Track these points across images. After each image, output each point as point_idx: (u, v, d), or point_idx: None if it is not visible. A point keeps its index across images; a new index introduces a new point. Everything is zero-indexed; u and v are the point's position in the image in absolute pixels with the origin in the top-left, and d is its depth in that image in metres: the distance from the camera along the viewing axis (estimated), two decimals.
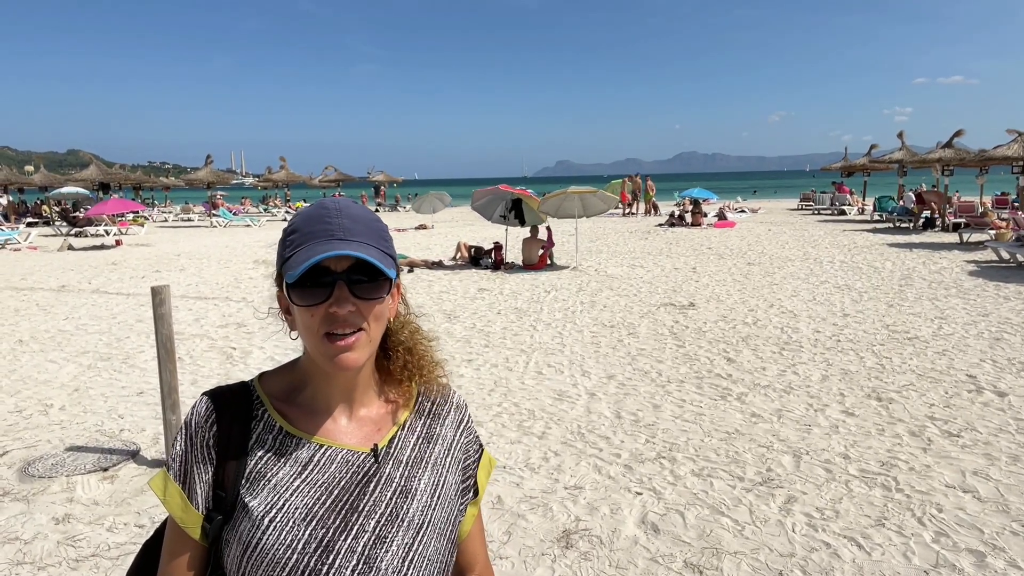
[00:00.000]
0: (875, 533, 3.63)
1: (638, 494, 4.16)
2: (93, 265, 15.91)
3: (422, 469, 1.11)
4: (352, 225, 1.02)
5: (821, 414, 5.41)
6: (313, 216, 1.04)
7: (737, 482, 4.28)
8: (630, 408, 5.67)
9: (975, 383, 6.04)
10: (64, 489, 4.34)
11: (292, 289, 1.01)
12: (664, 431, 5.15)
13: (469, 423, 1.24)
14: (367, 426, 1.12)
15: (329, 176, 40.60)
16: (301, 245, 1.01)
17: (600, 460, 4.67)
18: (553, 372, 6.76)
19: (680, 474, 4.42)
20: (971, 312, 8.94)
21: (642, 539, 3.64)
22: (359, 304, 1.01)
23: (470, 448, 1.22)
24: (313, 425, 1.09)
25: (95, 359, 7.45)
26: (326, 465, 1.06)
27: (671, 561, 3.42)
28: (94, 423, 5.50)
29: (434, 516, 1.09)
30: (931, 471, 4.35)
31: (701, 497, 4.09)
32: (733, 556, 3.44)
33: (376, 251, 1.02)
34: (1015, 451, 4.62)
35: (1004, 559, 3.36)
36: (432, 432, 1.17)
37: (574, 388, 6.23)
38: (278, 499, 1.02)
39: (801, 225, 24.22)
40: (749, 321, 8.77)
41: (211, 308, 10.33)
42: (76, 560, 3.56)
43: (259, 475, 1.05)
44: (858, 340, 7.64)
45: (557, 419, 5.45)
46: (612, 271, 13.64)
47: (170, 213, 38.06)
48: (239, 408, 1.09)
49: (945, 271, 12.56)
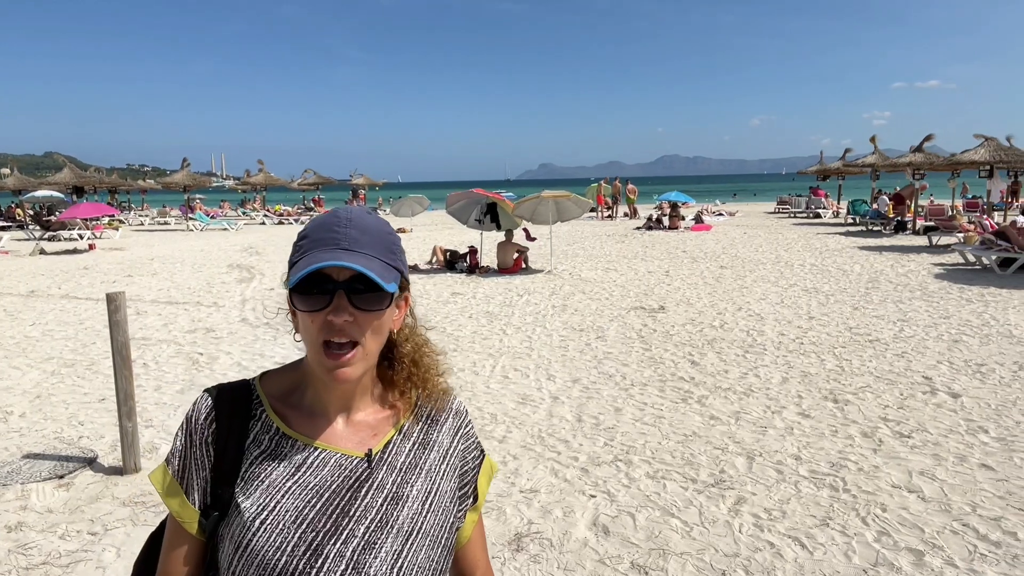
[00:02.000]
0: (819, 533, 3.70)
1: (592, 497, 4.21)
2: (64, 270, 15.74)
3: (415, 476, 1.11)
4: (360, 236, 1.04)
5: (778, 416, 5.50)
6: (324, 224, 1.05)
7: (690, 484, 4.35)
8: (592, 411, 5.72)
9: (930, 385, 6.16)
10: (18, 497, 4.31)
11: (294, 293, 1.03)
12: (623, 434, 5.21)
13: (468, 429, 1.24)
14: (363, 431, 1.12)
15: (308, 179, 40.38)
16: (308, 251, 1.03)
17: (558, 463, 4.71)
18: (519, 376, 6.80)
19: (635, 476, 4.48)
20: (933, 315, 9.11)
21: (592, 541, 3.69)
22: (357, 315, 1.01)
23: (468, 455, 1.22)
24: (310, 428, 1.10)
25: (59, 365, 7.40)
26: (319, 468, 1.07)
27: (618, 563, 3.48)
28: (53, 430, 5.46)
29: (425, 523, 1.08)
30: (879, 471, 4.45)
31: (653, 499, 4.15)
32: (679, 557, 3.50)
33: (380, 264, 1.03)
34: (963, 451, 4.73)
35: (942, 557, 3.45)
36: (429, 438, 1.17)
37: (538, 392, 6.28)
38: (270, 500, 1.03)
39: (776, 228, 24.47)
40: (716, 324, 8.87)
41: (181, 313, 10.27)
42: (26, 568, 3.54)
43: (253, 475, 1.06)
44: (821, 343, 7.76)
45: (519, 423, 5.50)
46: (586, 275, 13.72)
47: (147, 217, 37.69)
48: (239, 407, 1.10)
49: (912, 274, 12.77)
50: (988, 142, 18.56)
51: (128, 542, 3.76)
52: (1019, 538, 3.60)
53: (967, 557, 3.44)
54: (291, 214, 34.74)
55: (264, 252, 19.29)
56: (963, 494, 4.12)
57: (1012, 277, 12.07)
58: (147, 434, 5.28)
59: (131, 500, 4.25)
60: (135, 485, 4.45)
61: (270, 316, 9.59)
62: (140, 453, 4.72)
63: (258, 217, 35.33)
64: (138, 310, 10.43)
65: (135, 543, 3.75)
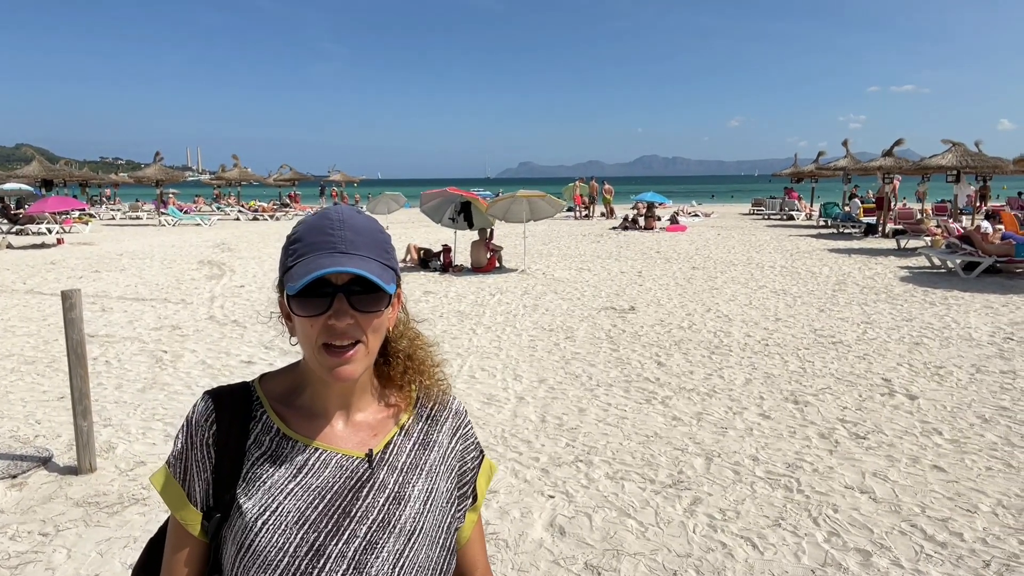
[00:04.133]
0: (771, 533, 3.76)
1: (551, 497, 4.23)
2: (31, 264, 15.46)
3: (416, 475, 1.12)
4: (355, 238, 1.03)
5: (739, 417, 5.56)
6: (316, 226, 1.04)
7: (648, 484, 4.39)
8: (556, 412, 5.75)
9: (889, 387, 6.27)
10: None
11: (292, 299, 1.02)
12: (585, 435, 5.24)
13: (467, 429, 1.24)
14: (363, 431, 1.12)
15: (285, 175, 40.04)
16: (303, 256, 1.02)
17: (519, 464, 4.73)
18: (486, 376, 6.81)
19: (594, 477, 4.51)
20: (896, 317, 9.27)
21: (547, 542, 3.71)
22: (358, 317, 1.01)
23: (467, 455, 1.22)
24: (310, 428, 1.10)
25: (19, 362, 7.27)
26: (320, 469, 1.07)
27: (572, 563, 3.50)
28: (9, 429, 5.37)
29: (426, 523, 1.09)
30: (833, 472, 4.52)
31: (611, 500, 4.18)
32: (632, 557, 3.54)
33: (377, 265, 1.03)
34: (916, 453, 4.82)
35: (888, 558, 3.51)
36: (429, 438, 1.17)
37: (504, 392, 6.29)
38: (271, 501, 1.03)
39: (750, 230, 24.72)
40: (685, 325, 8.95)
41: (147, 310, 10.13)
42: None
43: (255, 476, 1.06)
44: (785, 344, 7.86)
45: (483, 423, 5.50)
46: (560, 274, 13.76)
47: (118, 211, 37.11)
48: (238, 408, 1.10)
49: (879, 276, 12.97)
50: (955, 147, 18.89)
51: (79, 543, 3.71)
52: (965, 539, 3.68)
53: (913, 558, 3.51)
54: (266, 210, 34.40)
55: (236, 248, 19.10)
56: (914, 495, 4.20)
57: (975, 281, 12.31)
58: (104, 433, 5.21)
59: (84, 500, 4.19)
60: (89, 485, 4.39)
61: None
62: (96, 453, 4.66)
63: (232, 213, 34.95)
64: (104, 307, 10.28)
65: (86, 544, 3.71)
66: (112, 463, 4.72)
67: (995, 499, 4.11)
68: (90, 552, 3.64)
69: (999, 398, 5.90)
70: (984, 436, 5.09)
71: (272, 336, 8.26)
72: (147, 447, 5.00)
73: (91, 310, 9.82)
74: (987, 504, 4.05)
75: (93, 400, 4.90)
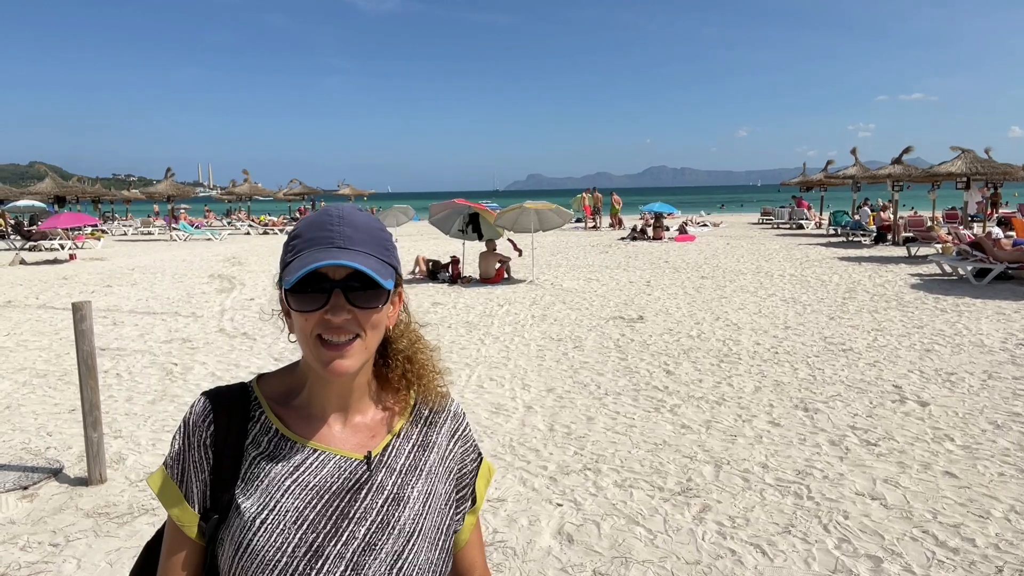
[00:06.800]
0: (780, 540, 3.73)
1: (559, 505, 4.22)
2: (43, 280, 15.61)
3: (415, 477, 1.11)
4: (354, 233, 1.03)
5: (748, 424, 5.53)
6: (316, 223, 1.05)
7: (657, 492, 4.37)
8: (564, 421, 5.74)
9: (900, 393, 6.22)
10: None
11: (290, 294, 1.02)
12: (594, 443, 5.23)
13: (466, 432, 1.24)
14: (362, 433, 1.12)
15: (294, 189, 40.31)
16: (301, 251, 1.02)
17: (527, 472, 4.72)
18: (494, 386, 6.81)
19: (603, 485, 4.49)
20: (907, 324, 9.20)
21: (556, 550, 3.70)
22: (355, 312, 1.01)
23: (466, 458, 1.22)
24: (308, 429, 1.09)
25: (31, 376, 7.33)
26: (318, 470, 1.06)
27: (580, 571, 3.49)
28: (21, 441, 5.41)
29: (425, 524, 1.08)
30: (844, 479, 4.48)
31: (619, 507, 4.16)
32: (641, 565, 3.52)
33: (375, 261, 1.03)
34: (928, 459, 4.78)
35: (900, 564, 3.48)
36: (428, 440, 1.17)
37: (512, 401, 6.29)
38: (270, 501, 1.03)
39: (759, 239, 24.66)
40: (694, 334, 8.92)
41: (158, 323, 10.20)
42: None
43: (253, 476, 1.05)
44: (795, 352, 7.82)
45: (491, 432, 5.50)
46: (568, 284, 13.76)
47: (130, 227, 37.44)
48: (236, 409, 1.10)
49: (889, 284, 12.89)
50: (965, 154, 18.80)
51: (89, 553, 3.73)
52: (977, 544, 3.64)
53: (925, 564, 3.48)
54: (276, 224, 34.64)
55: (246, 262, 19.21)
56: (925, 501, 4.16)
57: (987, 287, 12.22)
58: (115, 444, 5.24)
59: (95, 511, 4.21)
60: (99, 496, 4.41)
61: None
62: (106, 464, 4.69)
63: (243, 227, 35.19)
64: (115, 320, 10.36)
65: (96, 554, 3.73)
66: (122, 474, 4.75)
67: (1008, 504, 4.07)
68: (99, 562, 3.65)
69: (1011, 404, 5.85)
70: (996, 442, 5.04)
71: (282, 348, 8.30)
72: (157, 458, 5.02)
73: (102, 324, 9.89)
74: (999, 510, 4.01)
75: (104, 412, 4.94)
